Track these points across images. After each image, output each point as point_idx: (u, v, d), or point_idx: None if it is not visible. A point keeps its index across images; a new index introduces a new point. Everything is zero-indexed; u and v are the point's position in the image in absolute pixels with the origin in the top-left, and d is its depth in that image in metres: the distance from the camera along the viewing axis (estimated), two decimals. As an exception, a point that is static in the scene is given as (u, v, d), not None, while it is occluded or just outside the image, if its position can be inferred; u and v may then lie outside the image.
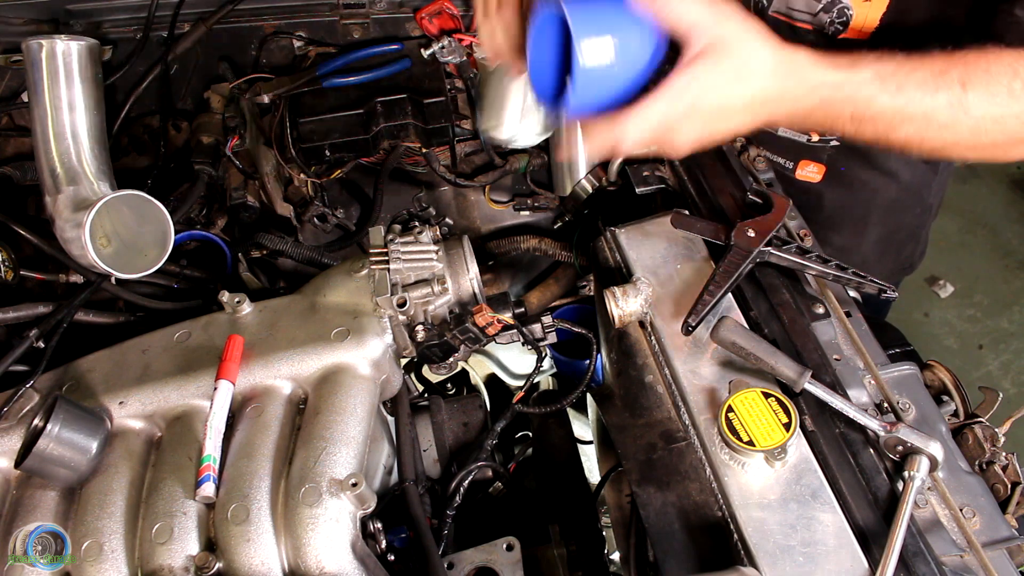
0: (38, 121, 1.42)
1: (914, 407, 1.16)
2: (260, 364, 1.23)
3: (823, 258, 1.25)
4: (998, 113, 1.13)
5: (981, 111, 1.13)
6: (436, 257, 1.32)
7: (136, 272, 1.36)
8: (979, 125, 1.14)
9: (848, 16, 1.45)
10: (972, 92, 1.13)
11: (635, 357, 1.30)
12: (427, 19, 1.82)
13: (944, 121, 1.14)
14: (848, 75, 1.14)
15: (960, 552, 1.04)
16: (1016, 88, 1.13)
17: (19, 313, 1.36)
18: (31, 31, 1.78)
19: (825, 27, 1.49)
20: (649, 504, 1.13)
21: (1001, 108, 1.13)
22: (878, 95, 1.14)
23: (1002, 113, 1.13)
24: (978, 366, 3.58)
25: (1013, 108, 1.13)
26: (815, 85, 1.14)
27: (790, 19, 1.54)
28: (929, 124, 1.15)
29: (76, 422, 1.12)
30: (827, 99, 1.15)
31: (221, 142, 1.71)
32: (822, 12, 1.48)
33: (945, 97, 1.13)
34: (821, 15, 1.49)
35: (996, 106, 1.13)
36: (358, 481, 1.06)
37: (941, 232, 3.91)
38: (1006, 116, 1.13)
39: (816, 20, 1.50)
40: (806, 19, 1.52)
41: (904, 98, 1.13)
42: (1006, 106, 1.13)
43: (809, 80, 1.14)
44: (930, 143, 1.17)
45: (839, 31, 1.48)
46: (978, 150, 1.18)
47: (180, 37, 1.75)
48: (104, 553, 1.07)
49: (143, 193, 1.35)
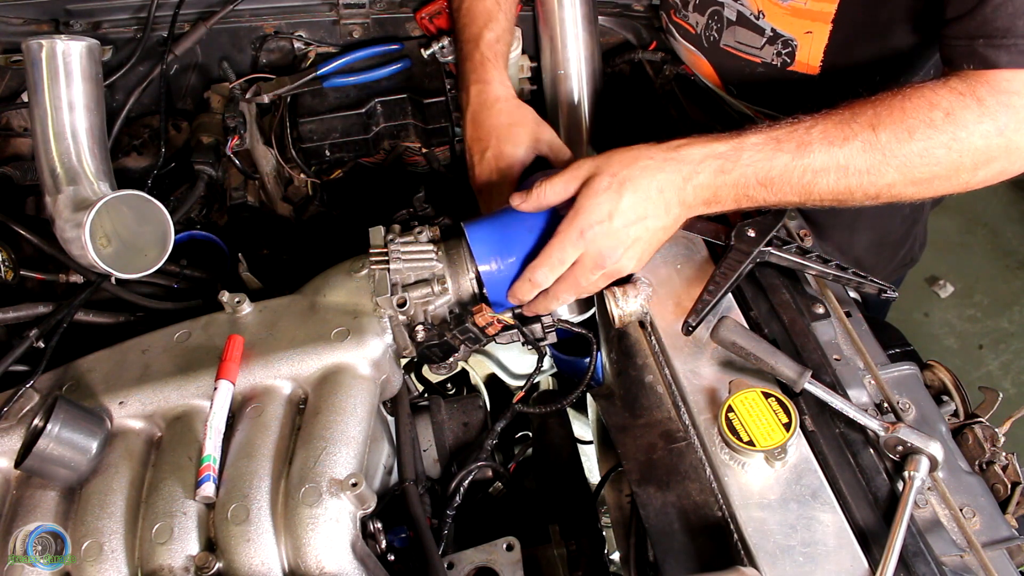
0: (38, 121, 1.41)
1: (914, 407, 1.17)
2: (260, 364, 1.23)
3: (823, 258, 1.25)
4: (921, 147, 1.13)
5: (901, 149, 1.13)
6: (436, 257, 1.32)
7: (136, 272, 1.36)
8: (905, 162, 1.14)
9: (793, 47, 1.47)
10: (883, 132, 1.13)
11: (635, 357, 1.30)
12: (427, 19, 1.82)
13: (863, 166, 1.14)
14: (736, 142, 1.17)
15: (960, 552, 1.05)
16: (936, 118, 1.12)
17: (19, 313, 1.36)
18: (31, 31, 1.78)
19: (772, 59, 1.51)
20: (649, 504, 1.13)
21: (923, 141, 1.12)
22: (776, 155, 1.15)
23: (925, 146, 1.13)
24: (978, 366, 3.57)
25: (938, 138, 1.12)
26: (702, 157, 1.17)
27: (739, 52, 1.56)
28: (847, 172, 1.15)
29: (76, 422, 1.12)
30: (722, 170, 1.16)
31: (221, 142, 1.71)
32: (767, 45, 1.50)
33: (858, 144, 1.13)
34: (767, 47, 1.51)
35: (916, 141, 1.12)
36: (358, 481, 1.06)
37: (941, 232, 3.91)
38: (931, 148, 1.13)
39: (762, 52, 1.52)
40: (753, 52, 1.54)
41: (809, 153, 1.14)
42: (929, 137, 1.12)
43: (693, 155, 1.17)
44: (864, 190, 1.17)
45: (787, 63, 1.50)
46: (924, 186, 1.17)
47: (180, 37, 1.75)
48: (104, 553, 1.07)
49: (143, 193, 1.35)
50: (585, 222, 1.16)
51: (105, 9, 1.79)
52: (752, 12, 1.49)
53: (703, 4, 1.59)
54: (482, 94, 1.48)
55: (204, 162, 1.66)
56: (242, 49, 1.87)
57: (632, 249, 1.19)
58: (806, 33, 1.44)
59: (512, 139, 1.44)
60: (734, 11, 1.53)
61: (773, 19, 1.47)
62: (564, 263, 1.19)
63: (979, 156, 1.14)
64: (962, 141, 1.13)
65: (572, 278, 1.21)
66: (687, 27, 1.65)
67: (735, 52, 1.57)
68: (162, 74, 1.72)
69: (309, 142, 1.73)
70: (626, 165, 1.17)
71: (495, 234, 1.27)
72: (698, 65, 1.68)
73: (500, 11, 1.58)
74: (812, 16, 1.41)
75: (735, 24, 1.54)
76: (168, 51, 1.72)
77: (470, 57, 1.54)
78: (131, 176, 1.72)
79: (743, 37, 1.54)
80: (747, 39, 1.54)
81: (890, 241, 1.86)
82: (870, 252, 1.81)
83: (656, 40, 1.86)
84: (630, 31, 1.91)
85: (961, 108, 1.13)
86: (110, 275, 1.36)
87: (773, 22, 1.47)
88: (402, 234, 1.36)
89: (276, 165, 1.81)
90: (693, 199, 1.19)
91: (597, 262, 1.18)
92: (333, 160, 1.76)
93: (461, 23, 1.59)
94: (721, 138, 1.19)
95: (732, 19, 1.54)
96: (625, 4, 1.89)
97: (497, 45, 1.54)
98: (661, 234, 1.21)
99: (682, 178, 1.17)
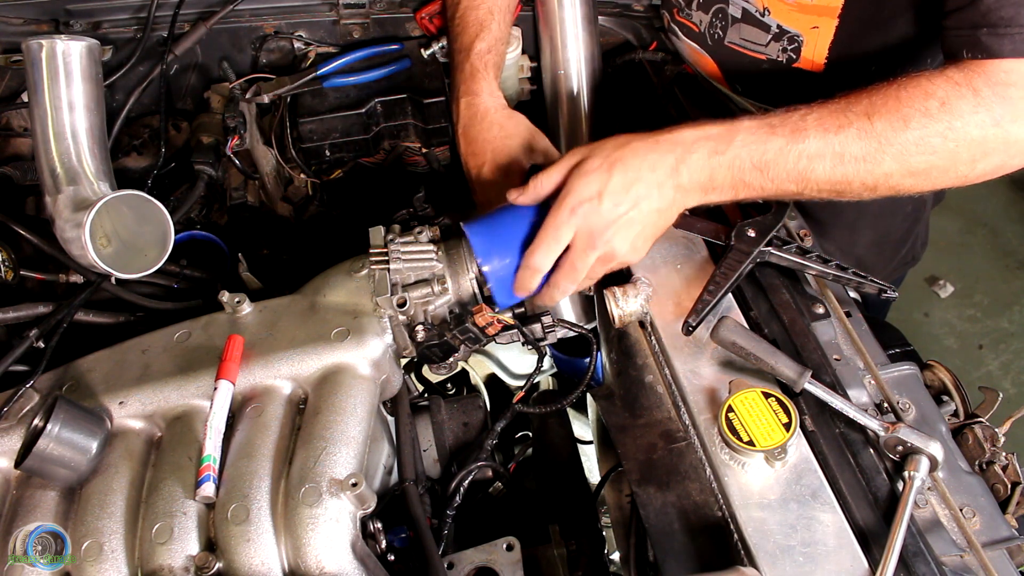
0: (38, 121, 1.41)
1: (914, 407, 1.16)
2: (260, 364, 1.23)
3: (823, 258, 1.25)
4: (916, 135, 1.13)
5: (896, 137, 1.13)
6: (436, 257, 1.32)
7: (136, 272, 1.36)
8: (902, 151, 1.14)
9: (799, 43, 1.47)
10: (879, 120, 1.13)
11: (635, 357, 1.30)
12: (427, 19, 1.82)
13: (859, 153, 1.15)
14: (729, 126, 1.18)
15: (960, 552, 1.05)
16: (932, 107, 1.13)
17: (19, 313, 1.36)
18: (31, 31, 1.78)
19: (777, 55, 1.52)
20: (649, 504, 1.13)
21: (919, 130, 1.13)
22: (770, 139, 1.16)
23: (921, 134, 1.13)
24: (978, 366, 3.57)
25: (933, 127, 1.13)
26: (694, 139, 1.18)
27: (744, 49, 1.57)
28: (843, 159, 1.15)
29: (76, 422, 1.12)
30: (716, 151, 1.17)
31: (221, 142, 1.71)
32: (772, 41, 1.51)
33: (853, 131, 1.14)
34: (772, 44, 1.51)
35: (912, 129, 1.13)
36: (358, 481, 1.06)
37: (941, 232, 3.90)
38: (927, 136, 1.13)
39: (767, 49, 1.53)
40: (759, 49, 1.54)
41: (804, 139, 1.15)
42: (924, 126, 1.12)
43: (685, 137, 1.18)
44: (862, 179, 1.17)
45: (792, 59, 1.51)
46: (922, 177, 1.17)
47: (180, 37, 1.75)
48: (104, 553, 1.07)
49: (143, 193, 1.35)
50: (575, 200, 1.17)
51: (105, 9, 1.79)
52: (757, 9, 1.50)
53: (707, 2, 1.59)
54: (471, 107, 1.49)
55: (204, 162, 1.66)
56: (242, 49, 1.87)
57: (625, 231, 1.18)
58: (812, 28, 1.44)
59: (507, 151, 1.44)
60: (739, 8, 1.53)
61: (779, 15, 1.47)
62: (559, 242, 1.19)
63: (976, 148, 1.14)
64: (958, 131, 1.12)
65: (569, 263, 1.21)
66: (690, 25, 1.66)
67: (740, 49, 1.58)
68: (162, 74, 1.71)
69: (309, 142, 1.72)
70: (617, 148, 1.19)
71: (495, 232, 1.27)
72: (702, 63, 1.68)
73: (493, 20, 1.57)
74: (819, 11, 1.42)
75: (740, 21, 1.54)
76: (168, 51, 1.72)
77: (460, 68, 1.54)
78: (131, 176, 1.72)
79: (748, 34, 1.55)
80: (752, 36, 1.54)
81: (892, 240, 1.86)
82: (871, 251, 1.81)
83: (656, 40, 1.86)
84: (630, 31, 1.91)
85: (957, 97, 1.13)
86: (110, 275, 1.36)
87: (779, 18, 1.48)
88: (402, 234, 1.36)
89: (276, 165, 1.81)
90: (688, 181, 1.18)
91: (589, 242, 1.18)
92: (333, 160, 1.76)
93: (454, 32, 1.60)
94: (714, 122, 1.19)
95: (737, 16, 1.54)
96: (625, 4, 1.89)
97: (488, 55, 1.54)
98: (655, 217, 1.20)
99: (675, 158, 1.17)
